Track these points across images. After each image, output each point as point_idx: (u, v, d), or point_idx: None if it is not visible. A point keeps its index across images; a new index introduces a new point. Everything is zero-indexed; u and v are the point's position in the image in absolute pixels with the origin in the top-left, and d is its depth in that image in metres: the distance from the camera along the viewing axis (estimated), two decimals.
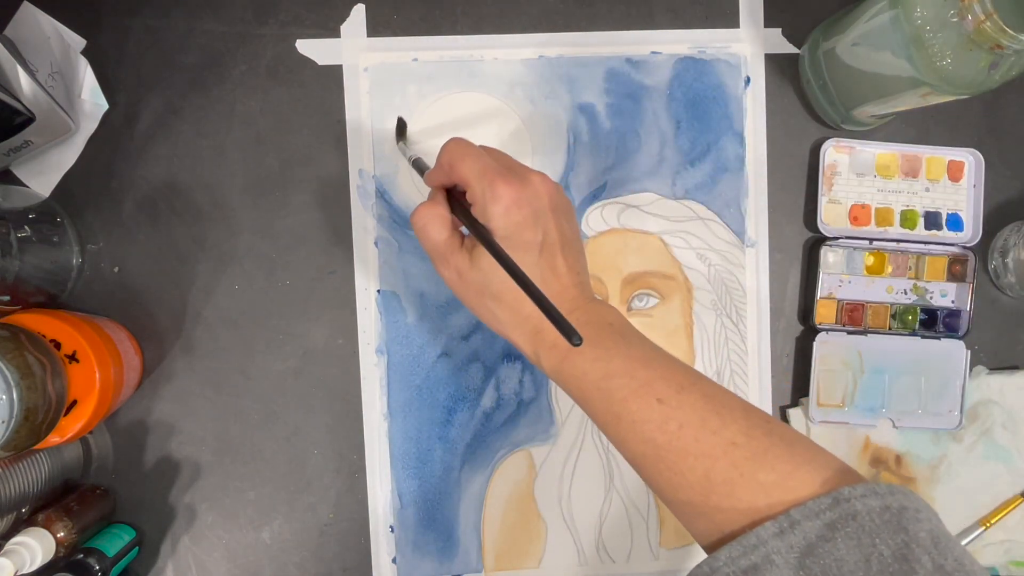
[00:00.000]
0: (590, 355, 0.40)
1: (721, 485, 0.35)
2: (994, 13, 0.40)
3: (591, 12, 0.57)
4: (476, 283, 0.42)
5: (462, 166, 0.42)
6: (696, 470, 0.36)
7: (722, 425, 0.36)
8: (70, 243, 0.53)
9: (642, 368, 0.39)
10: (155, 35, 0.54)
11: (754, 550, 0.32)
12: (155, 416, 0.55)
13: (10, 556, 0.45)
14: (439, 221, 0.43)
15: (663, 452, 0.37)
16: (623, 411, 0.38)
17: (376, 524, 0.56)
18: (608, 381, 0.39)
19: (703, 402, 0.37)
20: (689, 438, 0.36)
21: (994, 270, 0.59)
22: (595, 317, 0.42)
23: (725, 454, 0.36)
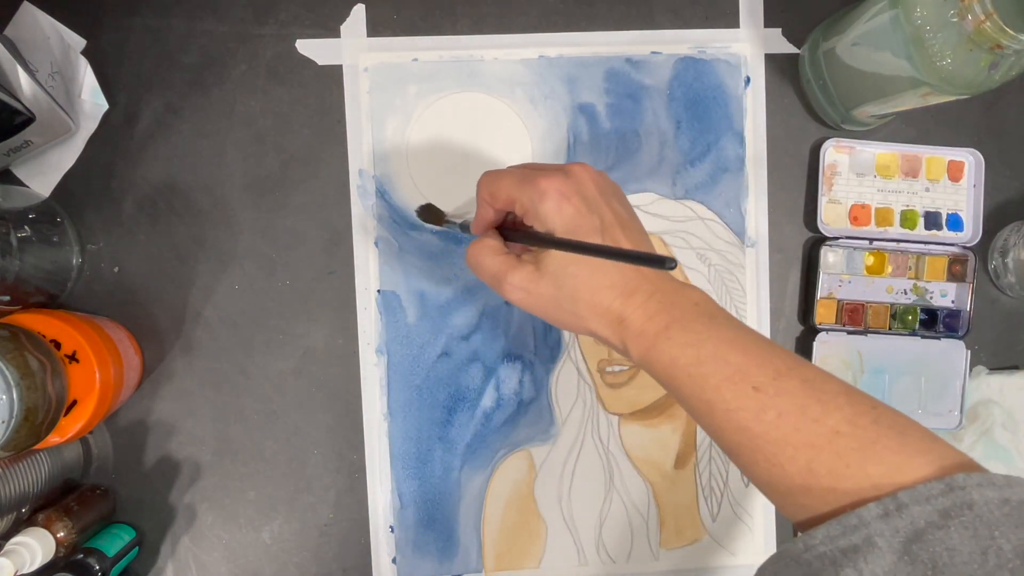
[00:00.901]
0: (679, 340, 0.38)
1: (824, 477, 0.33)
2: (994, 13, 0.40)
3: (591, 12, 0.57)
4: (547, 291, 0.41)
5: (500, 187, 0.42)
6: (797, 461, 0.34)
7: (824, 413, 0.34)
8: (70, 243, 0.53)
9: (735, 353, 0.37)
10: (155, 35, 0.54)
11: (855, 531, 0.31)
12: (155, 416, 0.55)
13: (10, 556, 0.45)
14: (489, 250, 0.43)
15: (760, 442, 0.35)
16: (716, 399, 0.36)
17: (376, 524, 0.56)
18: (699, 367, 0.37)
19: (802, 388, 0.35)
20: (788, 427, 0.34)
21: (994, 270, 0.59)
22: (679, 298, 0.40)
23: (829, 444, 0.34)
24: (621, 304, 0.39)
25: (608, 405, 0.57)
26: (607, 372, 0.57)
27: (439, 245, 0.56)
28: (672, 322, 0.38)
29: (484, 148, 0.56)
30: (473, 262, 0.44)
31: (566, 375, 0.57)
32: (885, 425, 0.34)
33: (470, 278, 0.56)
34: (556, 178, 0.40)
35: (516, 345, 0.56)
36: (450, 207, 0.56)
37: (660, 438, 0.57)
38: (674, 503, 0.57)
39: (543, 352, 0.56)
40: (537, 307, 0.42)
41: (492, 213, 0.44)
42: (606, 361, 0.57)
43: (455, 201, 0.56)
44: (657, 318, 0.39)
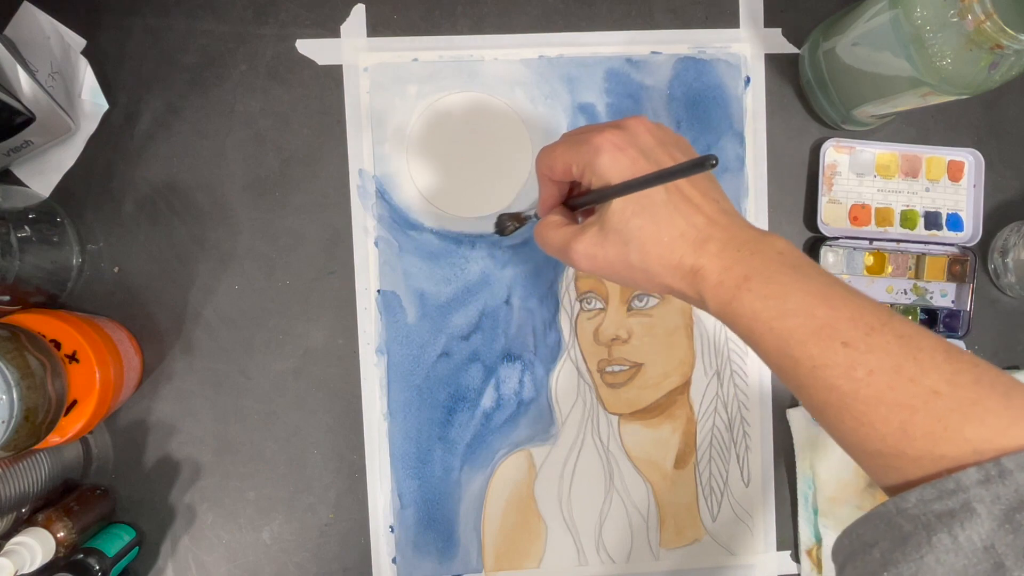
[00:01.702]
0: (761, 292, 0.35)
1: (920, 439, 0.31)
2: (994, 13, 0.40)
3: (591, 12, 0.57)
4: (615, 250, 0.39)
5: (554, 156, 0.41)
6: (890, 422, 0.32)
7: (921, 372, 0.32)
8: (70, 243, 0.53)
9: (823, 306, 0.34)
10: (155, 35, 0.54)
11: (952, 495, 0.29)
12: (155, 416, 0.55)
13: (10, 556, 0.45)
14: (552, 224, 0.43)
15: (849, 401, 0.33)
16: (801, 355, 0.34)
17: (376, 524, 0.56)
18: (783, 321, 0.35)
19: (897, 344, 0.33)
20: (882, 385, 0.32)
21: (994, 270, 0.59)
22: (761, 246, 0.37)
23: (925, 405, 0.31)
24: (694, 255, 0.37)
25: (608, 405, 0.57)
26: (607, 372, 0.57)
27: (439, 245, 0.56)
28: (752, 272, 0.36)
29: (484, 148, 0.56)
30: (540, 241, 0.43)
31: (566, 375, 0.57)
32: (987, 385, 0.32)
33: (470, 278, 0.56)
34: (609, 132, 0.39)
35: (516, 345, 0.56)
36: (452, 207, 0.56)
37: (660, 438, 0.57)
38: (674, 503, 0.57)
39: (543, 352, 0.56)
40: (608, 270, 0.40)
41: (554, 188, 0.43)
42: (606, 361, 0.57)
43: (456, 201, 0.56)
44: (736, 268, 0.37)
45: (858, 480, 0.57)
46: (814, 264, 0.37)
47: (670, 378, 0.57)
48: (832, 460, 0.57)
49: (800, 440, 0.57)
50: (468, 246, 0.56)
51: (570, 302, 0.57)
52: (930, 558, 0.29)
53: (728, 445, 0.58)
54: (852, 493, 0.57)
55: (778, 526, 0.58)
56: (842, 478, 0.57)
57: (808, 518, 0.57)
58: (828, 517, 0.57)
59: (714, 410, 0.58)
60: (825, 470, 0.57)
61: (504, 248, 0.56)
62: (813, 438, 0.57)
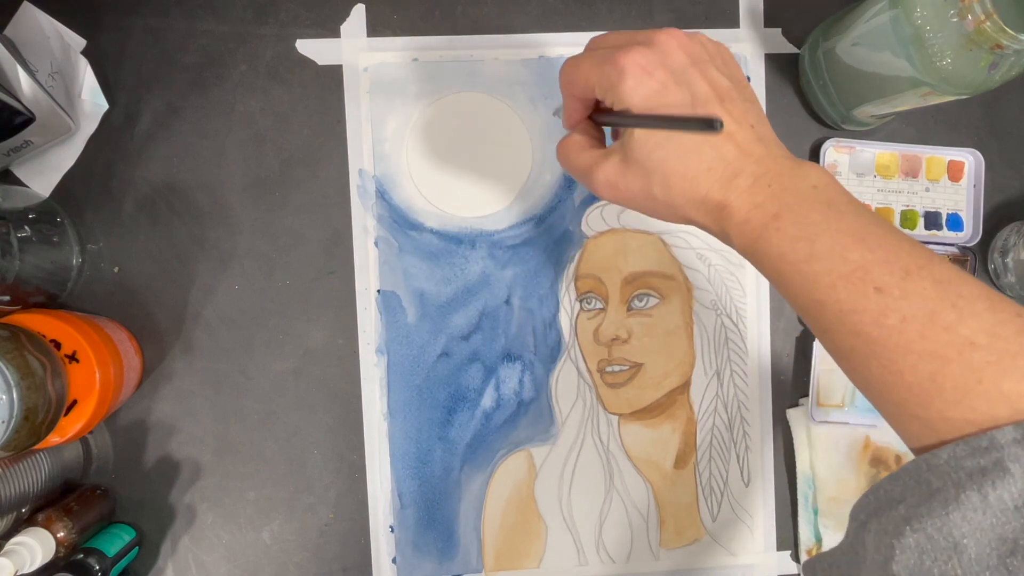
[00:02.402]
0: (790, 232, 0.33)
1: (951, 391, 0.29)
2: (994, 13, 0.40)
3: (591, 12, 0.57)
4: (638, 180, 0.37)
5: (577, 72, 0.38)
6: (919, 370, 0.30)
7: (959, 320, 0.30)
8: (70, 243, 0.53)
9: (857, 247, 0.32)
10: (155, 35, 0.54)
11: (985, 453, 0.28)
12: (155, 416, 0.55)
13: (10, 556, 0.45)
14: (575, 146, 0.41)
15: (877, 348, 0.31)
16: (829, 299, 0.32)
17: (376, 524, 0.56)
18: (811, 264, 0.33)
19: (935, 290, 0.31)
20: (914, 333, 0.30)
21: (994, 270, 0.59)
22: (793, 180, 0.35)
23: (960, 355, 0.29)
24: (722, 190, 0.35)
25: (608, 405, 0.57)
26: (607, 372, 0.57)
27: (439, 245, 0.56)
28: (783, 210, 0.34)
29: (484, 148, 0.56)
30: (562, 160, 0.42)
31: (566, 375, 0.57)
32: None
33: (470, 278, 0.56)
34: (637, 51, 0.36)
35: (516, 345, 0.56)
36: (452, 207, 0.56)
37: (660, 438, 0.57)
38: (674, 503, 0.57)
39: (543, 352, 0.56)
40: (629, 200, 0.38)
41: (577, 104, 0.40)
42: (606, 361, 0.57)
43: (456, 201, 0.56)
44: (765, 205, 0.34)
45: (858, 480, 0.57)
46: (852, 199, 0.35)
47: (670, 378, 0.57)
48: (832, 460, 0.57)
49: (800, 440, 0.57)
50: (468, 246, 0.56)
51: (570, 302, 0.57)
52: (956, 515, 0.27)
53: (728, 445, 0.58)
54: (852, 493, 0.57)
55: (778, 526, 0.58)
56: (842, 478, 0.57)
57: (808, 518, 0.57)
58: (828, 517, 0.57)
59: (714, 410, 0.58)
60: (825, 470, 0.57)
61: (504, 248, 0.56)
62: (813, 438, 0.57)
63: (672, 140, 0.36)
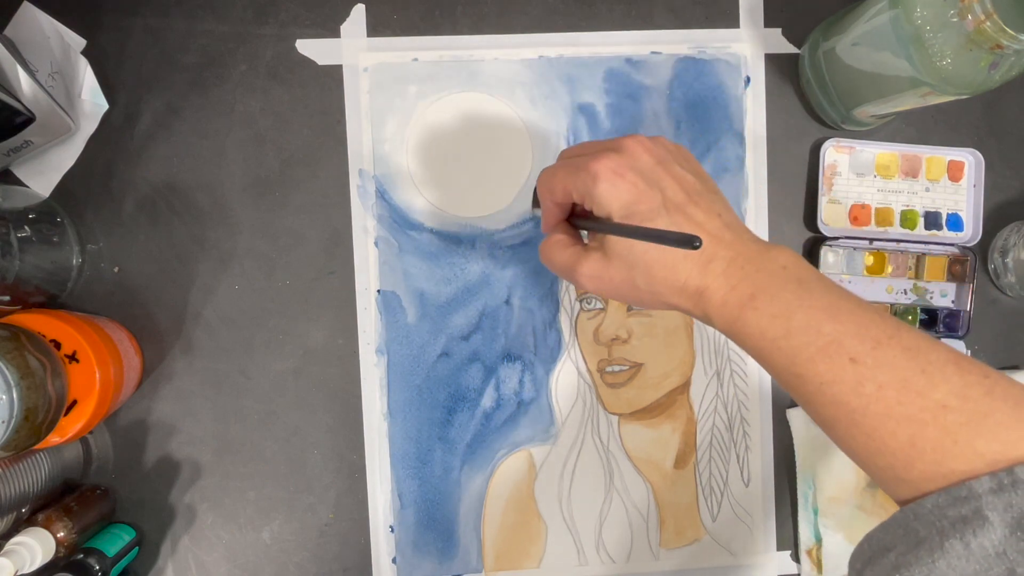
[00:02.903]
0: (767, 311, 0.35)
1: (930, 453, 0.31)
2: (994, 13, 0.40)
3: (591, 12, 0.57)
4: (620, 274, 0.39)
5: (554, 182, 0.41)
6: (899, 436, 0.32)
7: (930, 385, 0.32)
8: (70, 243, 0.53)
9: (829, 322, 0.34)
10: (155, 35, 0.54)
11: (964, 502, 0.29)
12: (155, 416, 0.55)
13: (10, 556, 0.45)
14: (557, 245, 0.43)
15: (858, 417, 0.33)
16: (808, 372, 0.34)
17: (376, 524, 0.56)
18: (789, 340, 0.35)
19: (905, 358, 0.33)
20: (891, 401, 0.32)
21: (994, 270, 0.59)
22: (764, 262, 0.37)
23: (935, 419, 0.31)
24: (699, 276, 0.37)
25: (608, 405, 0.57)
26: (607, 372, 0.57)
27: (439, 245, 0.56)
28: (758, 291, 0.36)
29: (484, 148, 0.56)
30: (545, 260, 0.44)
31: (566, 375, 0.57)
32: (999, 397, 0.31)
33: (470, 278, 0.56)
34: (607, 157, 0.39)
35: (516, 345, 0.56)
36: (452, 207, 0.56)
37: (660, 438, 0.57)
38: (674, 503, 0.57)
39: (543, 352, 0.56)
40: (613, 292, 0.41)
41: (555, 208, 0.43)
42: (606, 361, 0.57)
43: (456, 201, 0.56)
44: (740, 287, 0.37)
45: (858, 480, 0.57)
46: (819, 275, 0.37)
47: (670, 378, 0.57)
48: (832, 460, 0.57)
49: (800, 440, 0.57)
50: (468, 246, 0.56)
51: (570, 302, 0.57)
52: (942, 563, 0.29)
53: (728, 445, 0.58)
54: (852, 493, 0.57)
55: (778, 526, 0.58)
56: (842, 478, 0.57)
57: (808, 518, 0.57)
58: (828, 517, 0.57)
59: (714, 410, 0.58)
60: (825, 470, 0.57)
61: (504, 248, 0.56)
62: (813, 438, 0.57)
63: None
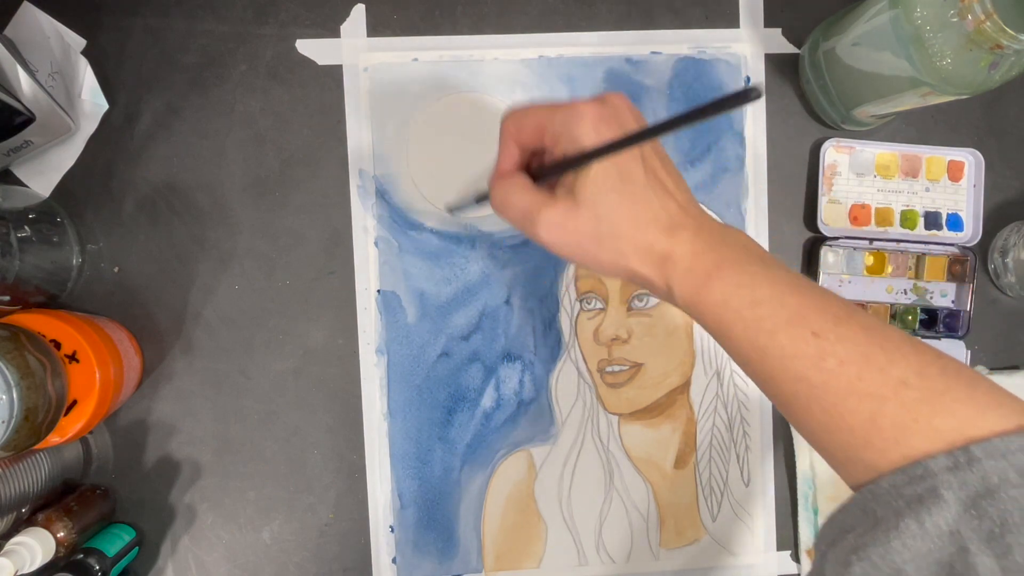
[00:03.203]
0: (731, 280, 0.35)
1: (889, 430, 0.31)
2: (994, 13, 0.40)
3: (591, 12, 0.57)
4: (586, 225, 0.37)
5: (528, 116, 0.38)
6: (859, 413, 0.31)
7: (889, 361, 0.32)
8: (70, 243, 0.53)
9: (792, 295, 0.34)
10: (155, 35, 0.54)
11: (920, 481, 0.29)
12: (155, 416, 0.55)
13: (10, 556, 0.45)
14: (518, 186, 0.39)
15: (818, 392, 0.33)
16: (770, 344, 0.34)
17: (376, 524, 0.56)
18: (754, 310, 0.34)
19: (864, 335, 0.33)
20: (851, 375, 0.32)
21: (994, 270, 0.59)
22: (727, 237, 0.37)
23: (895, 394, 0.31)
24: (666, 240, 0.36)
25: (608, 405, 0.57)
26: (607, 372, 0.57)
27: (439, 245, 0.56)
28: (723, 261, 0.36)
29: (484, 148, 0.56)
30: (500, 201, 0.39)
31: (566, 375, 0.57)
32: (953, 375, 0.31)
33: (470, 278, 0.56)
34: (594, 104, 0.37)
35: (516, 345, 0.56)
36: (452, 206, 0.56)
37: (660, 438, 0.57)
38: (674, 503, 0.57)
39: (543, 352, 0.56)
40: (574, 245, 0.38)
41: (515, 152, 0.40)
42: (606, 361, 0.57)
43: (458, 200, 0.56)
44: (706, 256, 0.36)
45: None
46: (776, 258, 0.38)
47: (670, 378, 0.57)
48: None
49: (800, 440, 0.57)
50: (468, 246, 0.56)
51: (570, 302, 0.57)
52: (897, 542, 0.29)
53: (728, 445, 0.58)
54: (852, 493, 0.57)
55: (778, 526, 0.58)
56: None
57: (808, 518, 0.57)
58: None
59: (714, 410, 0.58)
60: (825, 470, 0.57)
61: (504, 248, 0.56)
62: None
63: (626, 186, 0.37)
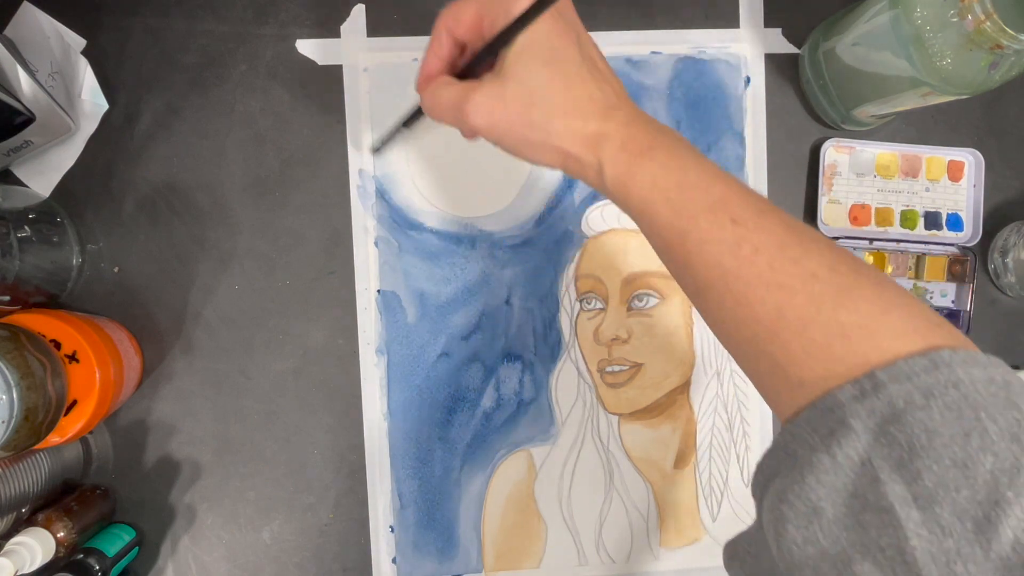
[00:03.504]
0: (662, 161, 0.35)
1: (795, 322, 0.31)
2: (994, 13, 0.40)
3: (591, 12, 0.57)
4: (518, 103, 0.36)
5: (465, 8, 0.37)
6: (767, 303, 0.32)
7: (804, 254, 0.32)
8: (70, 243, 0.53)
9: (719, 183, 0.34)
10: (155, 35, 0.54)
11: (830, 413, 0.29)
12: (155, 416, 0.55)
13: (10, 556, 0.45)
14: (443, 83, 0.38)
15: (731, 280, 0.33)
16: (691, 228, 0.34)
17: (376, 524, 0.56)
18: (680, 193, 0.34)
19: (783, 228, 0.33)
20: (764, 264, 0.32)
21: (994, 270, 0.59)
22: (664, 128, 0.37)
23: (804, 286, 0.31)
24: (600, 120, 0.36)
25: (608, 405, 0.57)
26: (607, 372, 0.57)
27: (439, 245, 0.56)
28: (656, 144, 0.35)
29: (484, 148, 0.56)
30: (430, 103, 0.39)
31: (566, 375, 0.57)
32: (864, 275, 0.32)
33: (470, 278, 0.56)
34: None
35: (516, 345, 0.56)
36: (452, 207, 0.56)
37: (660, 438, 0.57)
38: (674, 503, 0.57)
39: (543, 352, 0.56)
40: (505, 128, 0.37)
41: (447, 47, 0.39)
42: (606, 361, 0.57)
43: (456, 201, 0.56)
44: (639, 138, 0.36)
45: None
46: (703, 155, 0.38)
47: (670, 378, 0.57)
48: None
49: None
50: (468, 246, 0.56)
51: (570, 302, 0.57)
52: (811, 479, 0.28)
53: (728, 445, 0.58)
54: None
55: None
56: None
57: None
58: None
59: (714, 410, 0.58)
60: None
61: (504, 248, 0.56)
62: None
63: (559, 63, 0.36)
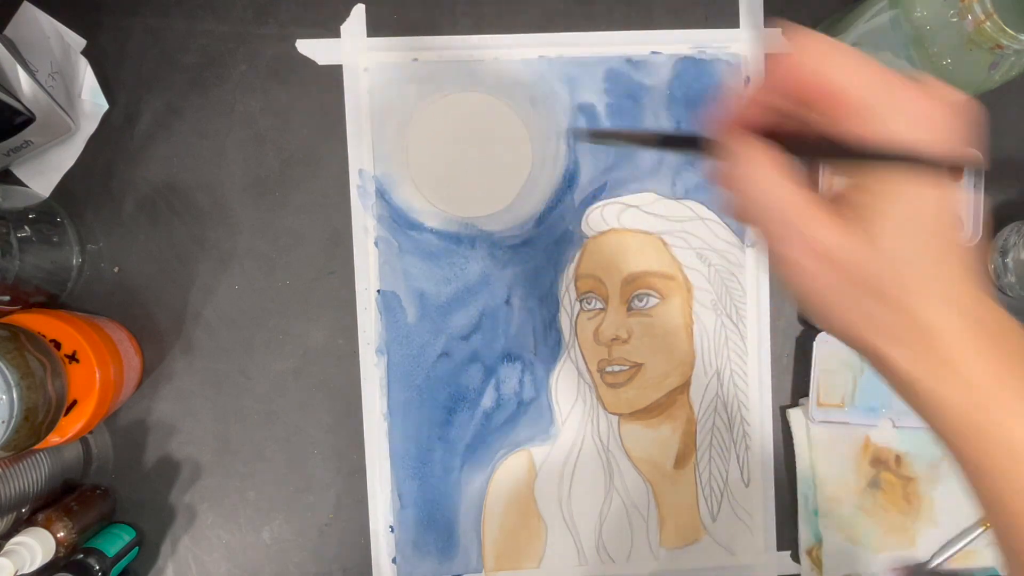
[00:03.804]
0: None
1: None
2: (994, 13, 0.40)
3: (591, 12, 0.57)
4: (859, 266, 0.24)
5: (833, 68, 0.25)
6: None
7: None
8: (70, 243, 0.53)
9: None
10: (155, 35, 0.54)
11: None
12: (155, 416, 0.55)
13: (10, 556, 0.45)
14: (776, 166, 0.26)
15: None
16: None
17: (376, 524, 0.56)
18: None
19: None
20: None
21: (994, 270, 0.59)
22: (1014, 325, 0.26)
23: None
24: (942, 326, 0.24)
25: (608, 405, 0.57)
26: (607, 372, 0.57)
27: (439, 245, 0.56)
28: (1013, 366, 0.24)
29: (484, 148, 0.56)
30: (738, 175, 0.26)
31: (566, 375, 0.57)
32: None
33: (470, 278, 0.56)
34: (923, 95, 0.25)
35: (516, 345, 0.56)
36: (452, 207, 0.56)
37: (660, 438, 0.57)
38: (674, 503, 0.57)
39: (543, 352, 0.56)
40: (826, 289, 0.25)
41: (761, 102, 0.27)
42: (606, 361, 0.57)
43: (456, 201, 0.56)
44: (989, 354, 0.24)
45: (858, 480, 0.57)
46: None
47: (670, 378, 0.57)
48: (832, 460, 0.57)
49: (800, 440, 0.57)
50: (468, 246, 0.56)
51: (570, 302, 0.57)
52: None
53: (728, 445, 0.58)
54: (852, 493, 0.57)
55: (778, 526, 0.58)
56: (842, 478, 0.57)
57: (808, 518, 0.57)
58: (828, 517, 0.57)
59: (714, 410, 0.58)
60: (825, 470, 0.57)
61: (504, 248, 0.56)
62: (813, 438, 0.57)
63: (935, 237, 0.24)
